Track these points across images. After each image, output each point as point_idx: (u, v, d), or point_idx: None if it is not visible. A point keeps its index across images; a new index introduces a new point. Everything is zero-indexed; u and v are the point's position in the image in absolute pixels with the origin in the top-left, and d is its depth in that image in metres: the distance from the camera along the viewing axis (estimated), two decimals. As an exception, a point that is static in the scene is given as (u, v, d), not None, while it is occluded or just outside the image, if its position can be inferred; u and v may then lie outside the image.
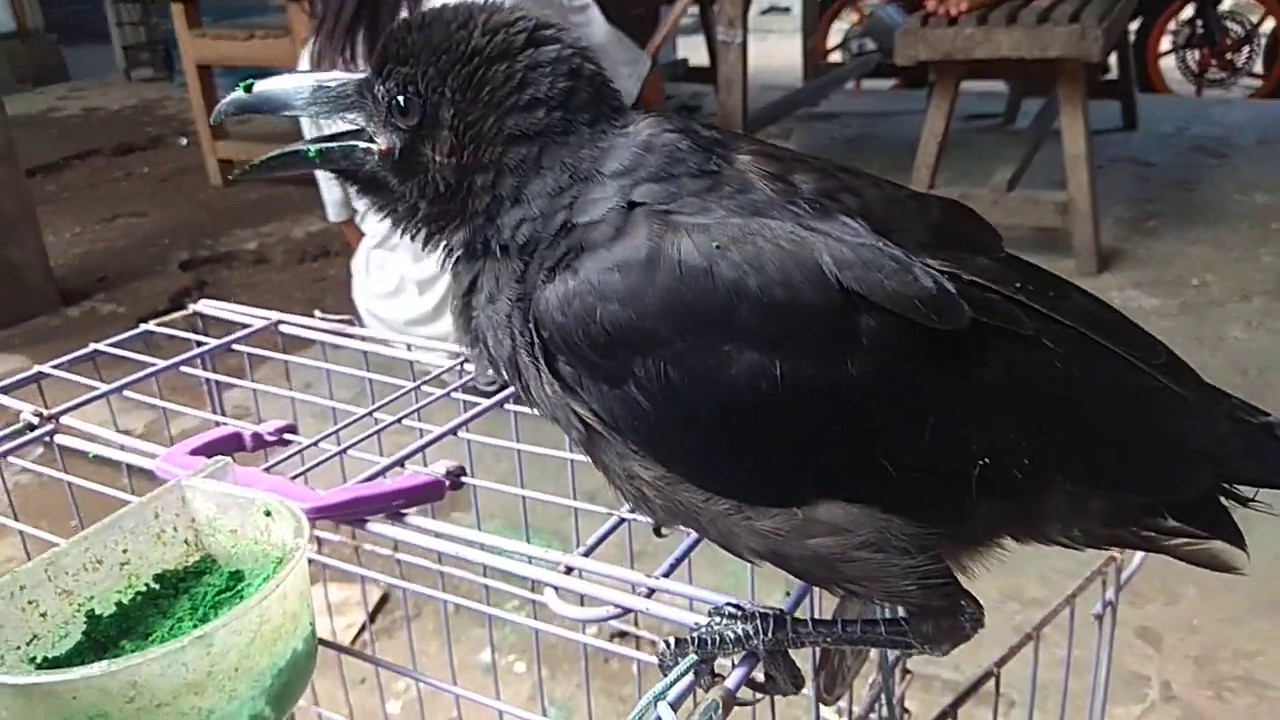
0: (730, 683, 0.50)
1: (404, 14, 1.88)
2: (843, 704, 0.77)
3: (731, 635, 0.49)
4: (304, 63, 2.00)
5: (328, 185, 2.20)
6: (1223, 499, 0.52)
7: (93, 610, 0.57)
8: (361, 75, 0.51)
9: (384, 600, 1.94)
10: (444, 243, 0.50)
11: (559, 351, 0.43)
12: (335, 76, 0.51)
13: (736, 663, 0.51)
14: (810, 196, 0.46)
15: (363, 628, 1.56)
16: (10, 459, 0.85)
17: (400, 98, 0.48)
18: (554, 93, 0.47)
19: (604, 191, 0.45)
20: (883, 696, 0.73)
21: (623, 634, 1.32)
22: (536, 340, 0.44)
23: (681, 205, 0.44)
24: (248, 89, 0.50)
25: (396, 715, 1.52)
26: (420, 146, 0.49)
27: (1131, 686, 1.55)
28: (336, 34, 1.87)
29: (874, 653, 0.74)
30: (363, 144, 0.49)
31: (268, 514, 0.58)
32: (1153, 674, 1.59)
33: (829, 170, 0.48)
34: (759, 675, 0.53)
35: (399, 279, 2.17)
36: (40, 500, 0.84)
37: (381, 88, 0.49)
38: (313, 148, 0.49)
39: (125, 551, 0.59)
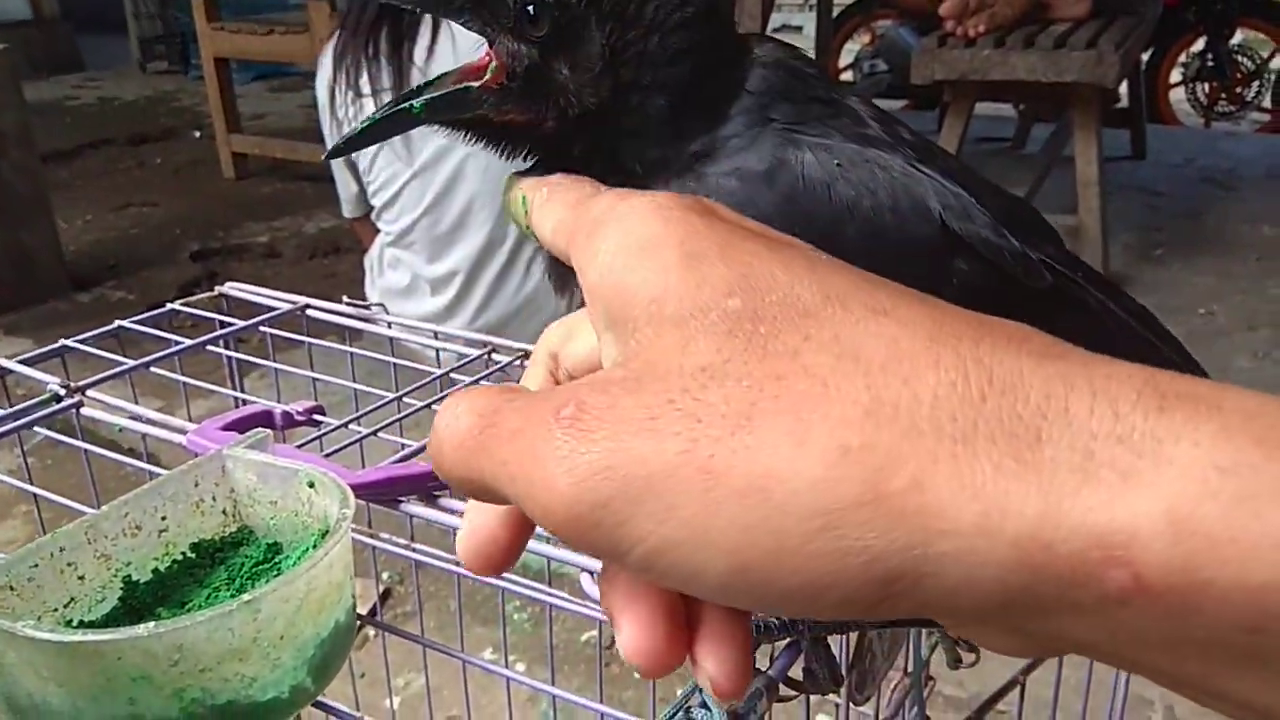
0: (774, 671, 0.50)
1: (427, 17, 1.90)
2: (866, 709, 0.77)
3: (776, 621, 0.50)
4: (326, 59, 2.01)
5: (343, 181, 2.20)
6: None
7: (129, 576, 0.57)
8: None
9: (386, 595, 1.94)
10: (568, 168, 0.48)
11: None
12: None
13: (779, 651, 0.51)
14: (913, 142, 0.47)
15: (372, 610, 1.55)
16: (36, 430, 0.85)
17: (533, 6, 0.44)
18: (702, 9, 0.46)
19: (742, 106, 0.45)
20: (911, 696, 0.73)
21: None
22: None
23: (808, 126, 0.45)
24: None
25: (397, 711, 1.52)
26: (553, 62, 0.45)
27: (1136, 710, 1.55)
28: (360, 31, 1.87)
29: (900, 659, 0.74)
30: (475, 85, 0.46)
31: (311, 485, 0.58)
32: (1156, 698, 1.59)
33: (918, 134, 0.49)
34: (797, 673, 0.53)
35: (412, 277, 2.18)
36: (43, 481, 0.84)
37: None
38: (417, 102, 0.46)
39: (164, 519, 0.59)
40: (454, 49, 1.84)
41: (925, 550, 0.22)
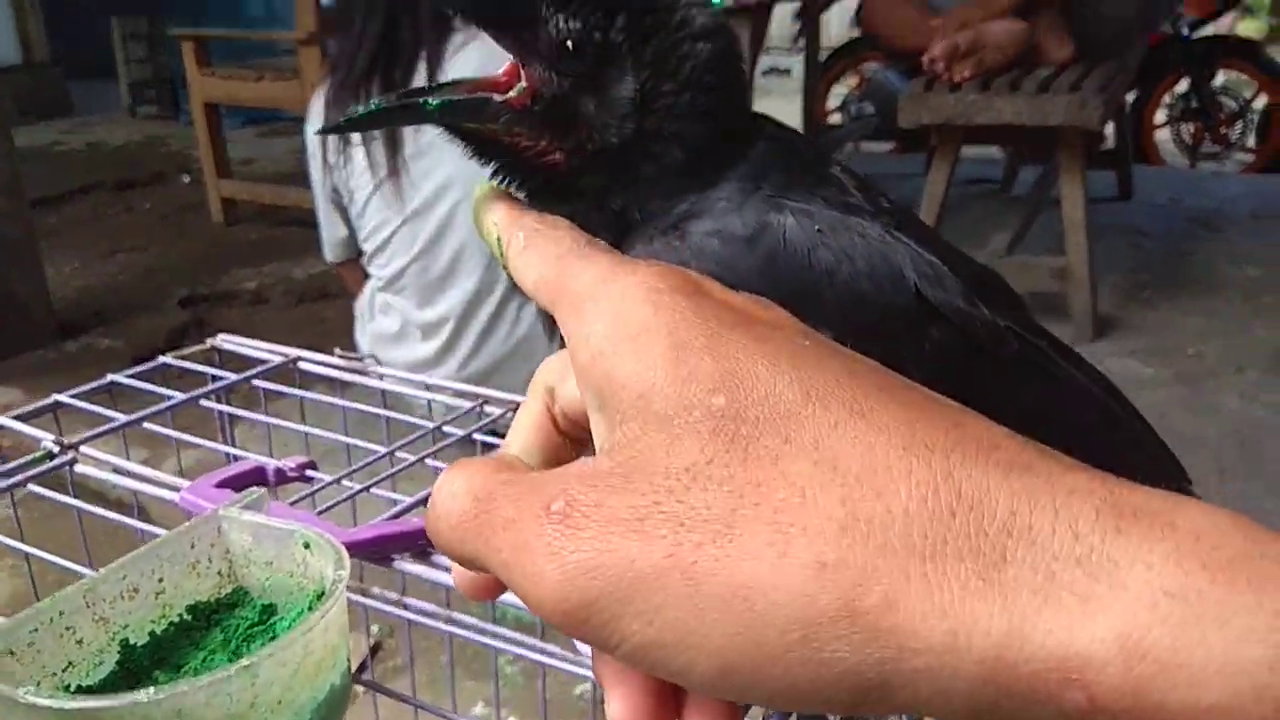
0: None
1: (421, 65, 1.91)
2: None
3: None
4: (317, 106, 2.02)
5: (331, 223, 2.20)
6: None
7: (127, 639, 0.56)
8: None
9: (376, 649, 1.92)
10: (568, 206, 0.47)
11: None
12: None
13: (770, 713, 0.51)
14: (892, 211, 0.48)
15: (361, 667, 1.54)
16: (28, 487, 0.85)
17: (575, 40, 0.45)
18: (728, 79, 0.47)
19: (738, 172, 0.47)
20: None
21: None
22: None
23: (793, 193, 0.46)
24: None
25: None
26: (582, 96, 0.46)
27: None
28: (351, 79, 1.89)
29: None
30: (495, 97, 0.45)
31: (306, 546, 0.58)
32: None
33: (896, 202, 0.50)
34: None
35: (403, 322, 2.18)
36: (32, 533, 0.84)
37: (559, 20, 0.45)
38: (434, 100, 0.44)
39: (161, 581, 0.58)
40: None
41: (897, 665, 0.23)
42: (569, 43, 0.45)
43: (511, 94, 0.46)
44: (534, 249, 0.35)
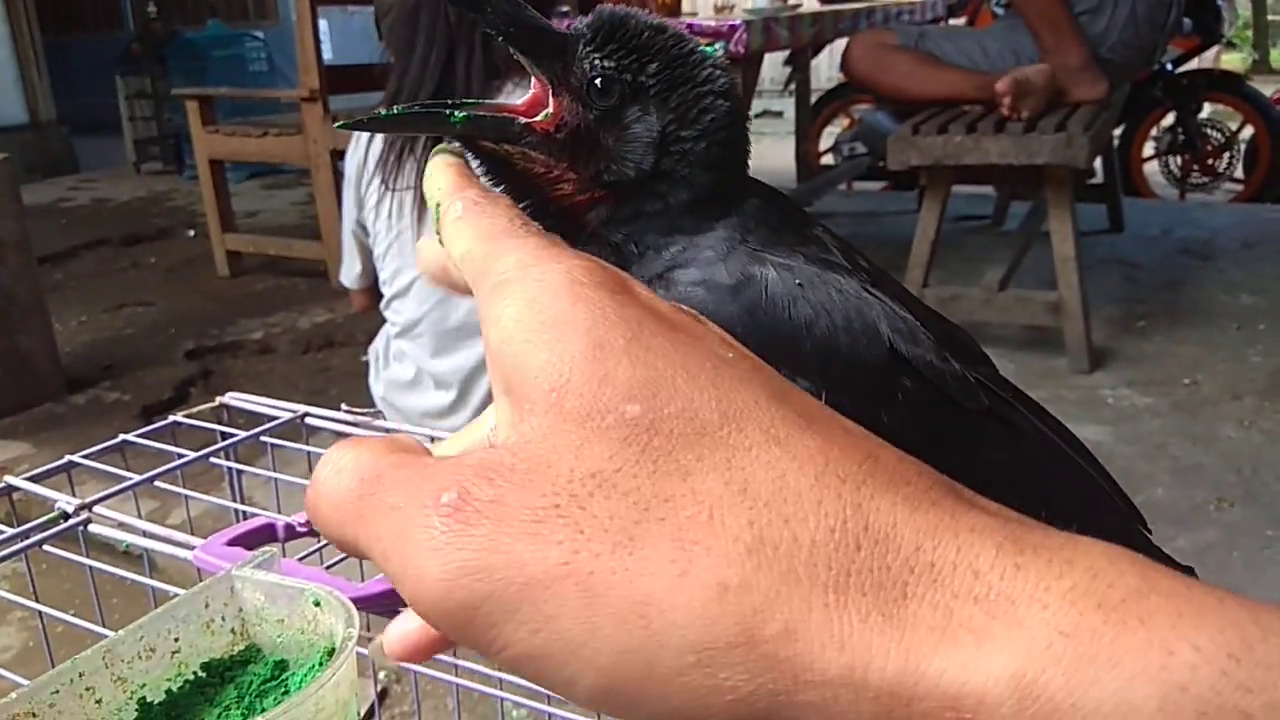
0: None
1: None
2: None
3: None
4: (363, 137, 2.05)
5: (350, 257, 2.23)
6: None
7: (144, 698, 0.59)
8: (571, 30, 0.49)
9: (384, 694, 1.93)
10: (578, 231, 0.49)
11: None
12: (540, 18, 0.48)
13: None
14: (869, 271, 0.51)
15: (370, 713, 1.55)
16: (42, 548, 0.87)
17: (603, 79, 0.47)
18: (739, 138, 0.50)
19: (728, 224, 0.49)
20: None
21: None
22: None
23: (777, 250, 0.49)
24: None
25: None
26: (605, 131, 0.48)
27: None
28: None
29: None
30: (521, 120, 0.47)
31: (316, 604, 0.60)
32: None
33: (873, 264, 0.53)
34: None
35: (417, 370, 2.20)
36: (43, 585, 0.86)
37: (591, 57, 0.47)
38: (459, 112, 0.45)
39: (177, 640, 0.61)
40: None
41: (791, 697, 0.23)
42: (599, 80, 0.47)
43: (537, 118, 0.48)
44: (468, 221, 0.33)
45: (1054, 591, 0.22)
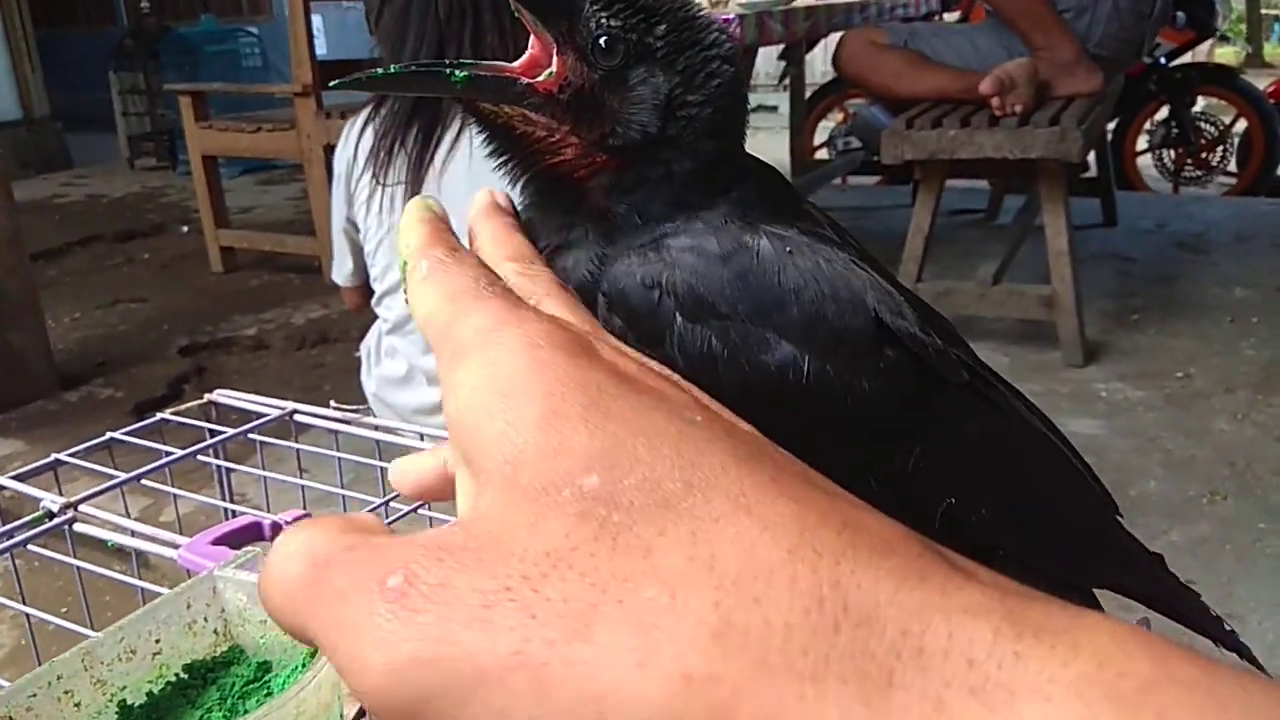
0: None
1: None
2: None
3: None
4: (353, 131, 2.04)
5: (340, 254, 2.23)
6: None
7: (124, 700, 0.58)
8: None
9: (360, 715, 1.93)
10: (579, 200, 0.48)
11: (614, 312, 0.45)
12: None
13: None
14: (856, 246, 0.51)
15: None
16: (27, 547, 0.87)
17: (608, 38, 0.46)
18: (741, 106, 0.50)
19: (727, 199, 0.48)
20: None
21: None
22: (601, 299, 0.45)
23: (771, 222, 0.49)
24: None
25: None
26: (609, 93, 0.47)
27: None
28: (394, 125, 1.91)
29: None
30: (524, 80, 0.46)
31: (299, 605, 0.60)
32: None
33: (861, 244, 0.53)
34: None
35: (409, 367, 2.19)
36: (30, 583, 0.86)
37: (598, 15, 0.46)
38: (460, 73, 0.44)
39: (158, 642, 0.61)
40: (469, 159, 1.88)
41: None
42: (605, 39, 0.46)
43: (541, 78, 0.46)
44: (432, 282, 0.32)
45: (1058, 682, 0.20)
